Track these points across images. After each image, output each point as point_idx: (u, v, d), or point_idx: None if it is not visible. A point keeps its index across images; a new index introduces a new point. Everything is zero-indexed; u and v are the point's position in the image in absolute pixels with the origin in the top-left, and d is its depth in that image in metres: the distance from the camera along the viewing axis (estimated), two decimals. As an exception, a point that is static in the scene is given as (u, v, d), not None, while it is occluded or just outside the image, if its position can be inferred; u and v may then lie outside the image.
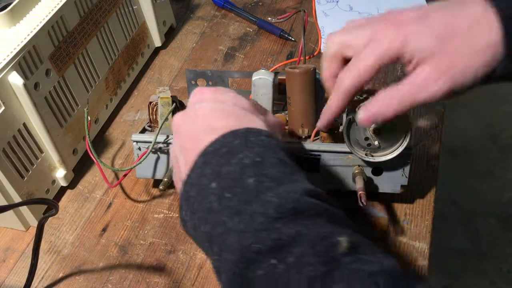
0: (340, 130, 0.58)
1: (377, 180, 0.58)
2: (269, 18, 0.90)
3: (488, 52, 0.41)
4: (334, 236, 0.33)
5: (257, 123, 0.43)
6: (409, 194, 0.62)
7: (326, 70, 0.50)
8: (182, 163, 0.43)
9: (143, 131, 0.63)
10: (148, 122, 0.64)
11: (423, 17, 0.43)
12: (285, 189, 0.36)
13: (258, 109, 0.49)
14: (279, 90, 0.63)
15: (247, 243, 0.34)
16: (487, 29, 0.41)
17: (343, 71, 0.47)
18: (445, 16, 0.42)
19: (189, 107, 0.47)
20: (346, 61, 0.48)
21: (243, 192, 0.37)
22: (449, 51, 0.42)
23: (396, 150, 0.55)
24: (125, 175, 0.62)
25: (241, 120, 0.43)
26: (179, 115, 0.46)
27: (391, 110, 0.45)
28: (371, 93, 0.51)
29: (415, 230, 0.59)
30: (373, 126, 0.54)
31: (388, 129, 0.54)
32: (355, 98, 0.57)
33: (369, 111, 0.45)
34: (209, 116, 0.44)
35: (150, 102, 0.62)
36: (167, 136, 0.60)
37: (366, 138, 0.55)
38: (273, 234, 0.34)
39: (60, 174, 0.64)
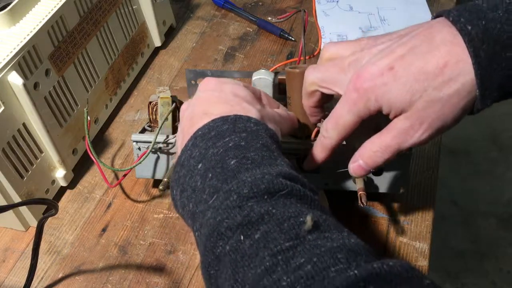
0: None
1: (377, 180, 0.58)
2: (269, 18, 0.90)
3: (463, 94, 0.41)
4: (301, 215, 0.35)
5: (249, 111, 0.45)
6: (409, 194, 0.62)
7: (306, 102, 0.53)
8: (179, 145, 0.47)
9: (143, 131, 0.63)
10: (148, 122, 0.64)
11: (391, 68, 0.42)
12: (262, 171, 0.38)
13: (262, 100, 0.52)
14: (279, 90, 0.63)
15: (220, 219, 0.36)
16: (458, 70, 0.40)
17: (323, 126, 0.49)
18: (413, 64, 0.42)
19: (196, 94, 0.50)
20: (323, 95, 0.51)
21: (223, 172, 0.39)
22: (421, 103, 0.42)
23: (396, 150, 0.55)
24: (125, 175, 0.62)
25: (234, 108, 0.45)
26: (186, 102, 0.51)
27: (379, 160, 0.46)
28: None
29: (415, 230, 0.59)
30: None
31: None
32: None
33: (360, 166, 0.47)
34: (207, 102, 0.47)
35: (150, 102, 0.62)
36: (167, 136, 0.60)
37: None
38: (244, 212, 0.36)
39: (59, 174, 0.64)
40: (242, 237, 0.35)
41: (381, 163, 0.46)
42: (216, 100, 0.47)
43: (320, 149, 0.51)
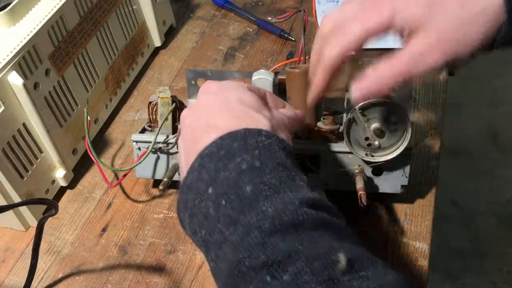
0: (340, 130, 0.58)
1: (377, 180, 0.58)
2: (269, 18, 0.90)
3: (486, 18, 0.37)
4: (332, 252, 0.32)
5: (259, 121, 0.41)
6: (409, 194, 0.62)
7: (315, 50, 0.47)
8: (182, 161, 0.42)
9: (143, 131, 0.63)
10: (148, 122, 0.64)
11: None
12: (283, 199, 0.34)
13: (268, 102, 0.47)
14: (279, 90, 0.63)
15: (241, 257, 0.33)
16: None
17: (326, 43, 0.45)
18: None
19: (197, 100, 0.46)
20: None
21: (239, 200, 0.35)
22: (440, 19, 0.38)
23: (396, 150, 0.55)
24: (125, 175, 0.62)
25: (242, 119, 0.41)
26: (187, 108, 0.47)
27: (385, 87, 0.42)
28: None
29: (415, 230, 0.59)
30: (373, 126, 0.53)
31: (388, 129, 0.54)
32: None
33: (362, 89, 0.43)
34: (210, 112, 0.42)
35: (150, 102, 0.62)
36: (167, 136, 0.60)
37: (366, 138, 0.54)
38: (268, 250, 0.32)
39: (59, 174, 0.64)
40: (268, 278, 0.31)
41: (385, 90, 0.42)
42: (220, 109, 0.42)
43: (319, 70, 0.46)
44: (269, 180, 0.36)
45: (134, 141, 0.61)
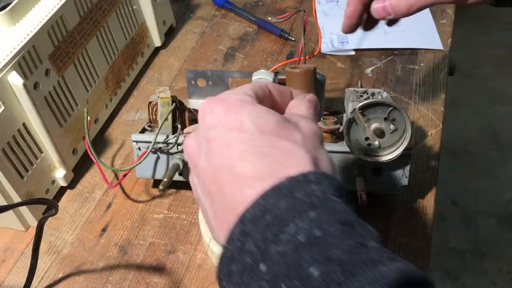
0: (340, 130, 0.58)
1: (377, 180, 0.58)
2: (269, 18, 0.90)
3: None
4: None
5: (295, 156, 0.33)
6: (409, 194, 0.62)
7: None
8: (210, 215, 0.35)
9: (143, 131, 0.63)
10: (148, 122, 0.64)
11: None
12: (361, 284, 0.26)
13: (276, 100, 0.39)
14: (279, 90, 0.63)
15: None
16: None
17: None
18: None
19: (201, 130, 0.36)
20: None
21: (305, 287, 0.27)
22: None
23: (396, 150, 0.55)
24: (125, 175, 0.62)
25: (272, 158, 0.32)
26: (190, 138, 0.37)
27: (407, 7, 0.41)
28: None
29: (415, 230, 0.59)
30: (373, 126, 0.54)
31: (388, 129, 0.54)
32: (356, 97, 0.57)
33: (384, 8, 0.43)
34: (230, 154, 0.33)
35: (150, 102, 0.62)
36: (167, 136, 0.60)
37: (366, 138, 0.54)
38: None
39: (59, 174, 0.64)
40: None
41: (409, 10, 0.41)
42: (240, 148, 0.33)
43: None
44: (338, 255, 0.28)
45: (134, 141, 0.61)
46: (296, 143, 0.33)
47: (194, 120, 0.65)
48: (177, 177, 0.61)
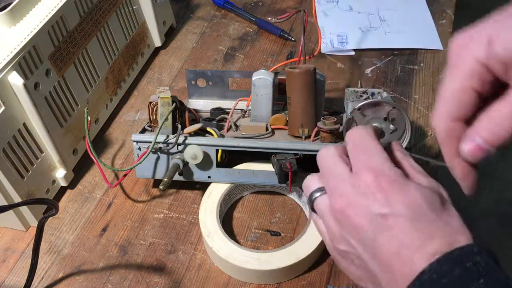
0: (340, 130, 0.58)
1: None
2: (269, 18, 0.90)
3: None
4: None
5: (461, 235, 0.37)
6: (409, 194, 0.62)
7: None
8: (386, 280, 0.37)
9: (143, 131, 0.63)
10: (148, 122, 0.64)
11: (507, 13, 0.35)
12: None
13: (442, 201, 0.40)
14: (279, 90, 0.63)
15: None
16: None
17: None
18: None
19: (375, 208, 0.37)
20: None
21: None
22: None
23: (396, 150, 0.55)
24: (125, 175, 0.62)
25: (445, 236, 0.36)
26: (360, 215, 0.38)
27: (504, 134, 0.35)
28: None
29: (415, 230, 0.59)
30: (373, 126, 0.54)
31: (388, 129, 0.54)
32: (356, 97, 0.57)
33: (478, 146, 0.36)
34: (403, 230, 0.36)
35: (150, 102, 0.62)
36: (167, 136, 0.60)
37: (366, 138, 0.54)
38: None
39: (60, 174, 0.64)
40: None
41: (507, 137, 0.35)
42: (409, 220, 0.36)
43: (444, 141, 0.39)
44: None
45: (134, 141, 0.61)
46: (450, 216, 0.38)
47: (194, 120, 0.65)
48: (177, 177, 0.61)
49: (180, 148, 0.60)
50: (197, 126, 0.61)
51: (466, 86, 0.36)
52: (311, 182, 0.43)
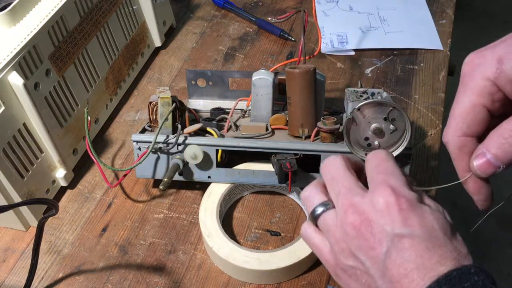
0: (340, 130, 0.58)
1: (377, 180, 0.58)
2: (269, 18, 0.90)
3: None
4: None
5: (467, 261, 0.38)
6: (409, 194, 0.62)
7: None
8: None
9: (143, 131, 0.63)
10: (148, 122, 0.64)
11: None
12: None
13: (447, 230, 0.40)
14: (279, 90, 0.63)
15: None
16: None
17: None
18: None
19: (388, 229, 0.38)
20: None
21: None
22: None
23: (396, 150, 0.55)
24: (125, 175, 0.62)
25: (454, 260, 0.37)
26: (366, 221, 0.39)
27: None
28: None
29: (415, 230, 0.59)
30: (373, 126, 0.54)
31: (388, 129, 0.54)
32: (357, 97, 0.57)
33: (488, 161, 0.37)
34: (417, 253, 0.36)
35: (150, 102, 0.62)
36: (167, 136, 0.60)
37: (366, 138, 0.55)
38: None
39: (60, 174, 0.64)
40: None
41: None
42: (424, 244, 0.37)
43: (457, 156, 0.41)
44: None
45: (134, 141, 0.61)
46: (458, 241, 0.38)
47: (194, 120, 0.65)
48: (177, 177, 0.61)
49: (180, 148, 0.60)
50: (197, 126, 0.61)
51: (477, 103, 0.37)
52: (311, 194, 0.43)
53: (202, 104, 0.70)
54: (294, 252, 0.55)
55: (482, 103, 0.37)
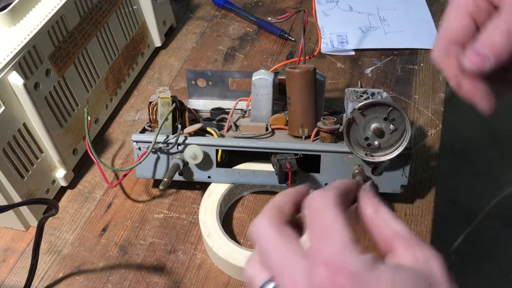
0: (340, 130, 0.58)
1: (377, 180, 0.58)
2: (269, 18, 0.90)
3: None
4: None
5: None
6: (409, 194, 0.62)
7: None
8: None
9: (143, 131, 0.63)
10: (148, 122, 0.64)
11: None
12: None
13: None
14: (279, 90, 0.63)
15: None
16: None
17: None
18: None
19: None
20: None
21: None
22: None
23: (396, 150, 0.55)
24: (125, 175, 0.62)
25: None
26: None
27: (506, 46, 0.34)
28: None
29: (415, 230, 0.59)
30: (373, 126, 0.54)
31: (388, 129, 0.54)
32: (356, 97, 0.57)
33: (479, 54, 0.35)
34: None
35: (150, 102, 0.62)
36: (167, 136, 0.60)
37: (366, 138, 0.55)
38: None
39: (60, 174, 0.64)
40: None
41: (504, 44, 0.34)
42: None
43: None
44: None
45: (134, 141, 0.61)
46: None
47: (194, 120, 0.65)
48: (177, 177, 0.61)
49: (180, 148, 0.60)
50: (197, 126, 0.61)
51: (462, 11, 0.38)
52: (253, 271, 0.34)
53: (202, 104, 0.70)
54: (294, 252, 0.55)
55: (467, 10, 0.38)
